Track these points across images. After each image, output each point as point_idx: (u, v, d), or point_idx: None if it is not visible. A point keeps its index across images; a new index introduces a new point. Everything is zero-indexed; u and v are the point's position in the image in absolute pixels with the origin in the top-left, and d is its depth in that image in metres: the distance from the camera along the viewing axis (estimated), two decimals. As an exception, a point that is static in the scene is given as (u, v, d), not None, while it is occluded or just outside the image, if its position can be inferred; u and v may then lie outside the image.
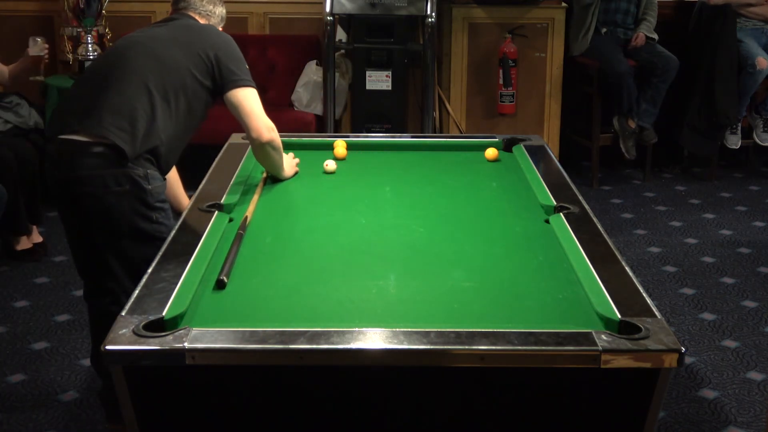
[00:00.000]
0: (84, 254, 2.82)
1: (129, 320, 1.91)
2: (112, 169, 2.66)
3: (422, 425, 1.94)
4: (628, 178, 5.90)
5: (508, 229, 2.63)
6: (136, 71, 2.75)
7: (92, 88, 2.78)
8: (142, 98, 2.71)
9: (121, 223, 2.69)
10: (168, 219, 2.79)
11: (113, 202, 2.67)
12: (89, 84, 2.85)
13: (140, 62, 2.77)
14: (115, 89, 2.72)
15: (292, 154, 3.14)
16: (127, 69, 2.76)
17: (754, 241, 4.78)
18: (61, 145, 2.69)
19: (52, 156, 2.74)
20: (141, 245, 2.70)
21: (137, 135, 2.67)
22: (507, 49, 5.46)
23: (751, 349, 3.59)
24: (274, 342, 1.82)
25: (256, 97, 2.87)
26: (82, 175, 2.66)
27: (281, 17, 5.81)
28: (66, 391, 3.25)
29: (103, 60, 2.93)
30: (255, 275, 2.25)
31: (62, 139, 2.70)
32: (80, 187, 2.67)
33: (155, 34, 2.91)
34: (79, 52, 5.16)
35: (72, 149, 2.67)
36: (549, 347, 1.81)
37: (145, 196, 2.70)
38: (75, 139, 2.67)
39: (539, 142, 3.48)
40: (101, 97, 2.71)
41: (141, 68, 2.76)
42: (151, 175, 2.72)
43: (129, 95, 2.71)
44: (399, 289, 2.24)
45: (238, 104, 2.83)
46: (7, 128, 4.61)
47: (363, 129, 5.33)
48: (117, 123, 2.66)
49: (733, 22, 5.57)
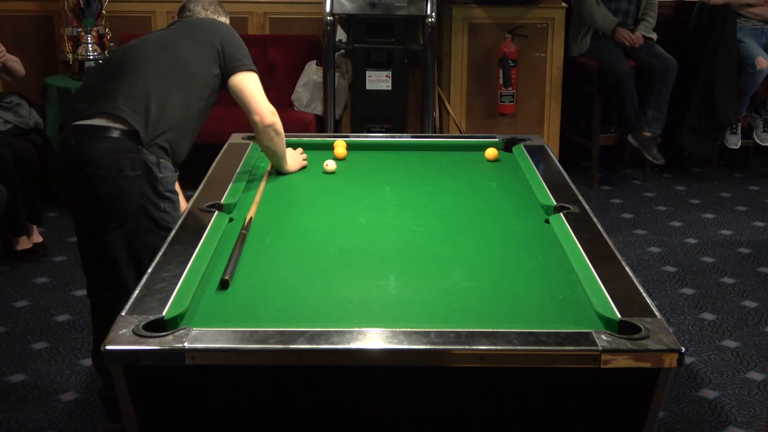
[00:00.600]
0: (89, 242, 2.85)
1: (129, 320, 1.91)
2: (127, 153, 2.72)
3: (422, 425, 1.94)
4: (628, 178, 5.90)
5: (508, 229, 2.63)
6: (149, 62, 2.86)
7: (105, 78, 2.88)
8: (155, 86, 2.81)
9: (129, 206, 2.74)
10: (175, 211, 2.84)
11: (125, 186, 2.72)
12: (102, 75, 2.96)
13: (152, 54, 2.89)
14: (128, 78, 2.82)
15: (300, 149, 3.21)
16: (140, 60, 2.87)
17: (754, 241, 4.78)
18: (76, 131, 2.75)
19: (65, 141, 2.79)
20: (146, 232, 2.75)
21: (150, 119, 2.75)
22: (507, 49, 5.46)
23: (751, 349, 3.59)
24: (274, 342, 1.82)
25: (258, 82, 2.96)
26: (96, 158, 2.71)
27: (281, 17, 5.81)
28: (66, 391, 3.25)
29: (114, 55, 3.06)
30: (255, 275, 2.25)
31: (77, 125, 2.75)
32: (93, 170, 2.71)
33: (163, 33, 3.06)
34: (79, 52, 5.16)
35: (86, 132, 2.73)
36: (549, 347, 1.81)
37: (156, 183, 2.76)
38: (89, 124, 2.73)
39: (539, 142, 3.48)
40: (114, 84, 2.80)
41: (153, 59, 2.87)
42: (163, 164, 2.79)
43: (142, 83, 2.80)
44: (399, 289, 2.24)
45: (240, 88, 2.91)
46: (7, 128, 4.61)
47: (363, 129, 5.33)
48: (131, 106, 2.74)
49: (733, 22, 5.56)
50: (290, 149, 3.16)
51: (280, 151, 3.03)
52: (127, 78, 2.81)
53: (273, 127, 2.92)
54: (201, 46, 2.93)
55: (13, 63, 4.35)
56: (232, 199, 2.75)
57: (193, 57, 2.91)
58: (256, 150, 3.27)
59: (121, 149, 2.72)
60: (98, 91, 2.83)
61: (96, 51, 5.15)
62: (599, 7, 5.49)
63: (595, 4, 5.48)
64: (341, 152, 3.32)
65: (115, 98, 2.76)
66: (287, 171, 3.10)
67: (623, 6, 5.61)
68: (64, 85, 4.97)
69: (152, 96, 2.78)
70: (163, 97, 2.80)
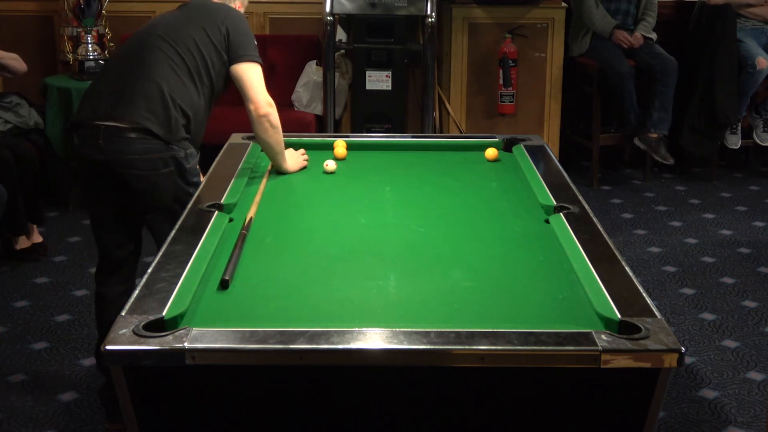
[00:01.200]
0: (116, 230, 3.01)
1: (129, 320, 1.91)
2: (159, 152, 2.86)
3: (422, 425, 1.94)
4: (628, 178, 5.90)
5: (508, 229, 2.63)
6: (161, 54, 2.92)
7: (120, 73, 2.96)
8: (170, 79, 2.89)
9: (165, 199, 2.90)
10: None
11: (159, 182, 2.88)
12: (116, 69, 3.01)
13: (164, 45, 2.93)
14: (142, 74, 2.89)
15: (302, 150, 3.23)
16: (153, 53, 2.92)
17: (754, 241, 4.78)
18: (105, 131, 2.84)
19: (87, 139, 2.88)
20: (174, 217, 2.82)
21: (171, 116, 2.87)
22: (507, 49, 5.46)
23: (751, 349, 3.59)
24: (274, 342, 1.82)
25: (259, 73, 3.01)
26: (131, 159, 2.84)
27: (281, 17, 5.81)
28: (66, 391, 3.26)
29: (127, 47, 3.09)
30: (255, 275, 2.25)
31: (101, 124, 2.84)
32: (128, 170, 2.85)
33: (174, 17, 3.07)
34: (79, 52, 5.16)
35: (114, 134, 2.83)
36: (549, 347, 1.81)
37: (185, 173, 2.93)
38: (114, 125, 2.83)
39: (539, 142, 3.48)
40: (130, 82, 2.89)
41: (165, 50, 2.92)
42: (189, 153, 2.95)
43: (157, 79, 2.88)
44: (399, 289, 2.23)
45: (240, 77, 2.98)
46: (7, 128, 4.61)
47: (363, 129, 5.33)
48: (151, 108, 2.85)
49: (733, 22, 5.57)
50: (291, 149, 3.16)
51: (277, 146, 3.03)
52: (141, 75, 2.88)
53: (267, 118, 2.96)
54: (208, 31, 2.98)
55: (9, 60, 4.34)
56: (232, 199, 2.75)
57: (203, 45, 2.96)
58: (256, 150, 3.28)
59: (153, 150, 2.85)
60: (115, 88, 2.90)
61: (96, 51, 5.14)
62: (598, 9, 5.49)
63: (594, 6, 5.48)
64: (341, 152, 3.32)
65: (135, 101, 2.84)
66: (286, 170, 3.10)
67: (623, 6, 5.61)
68: (64, 85, 4.97)
69: (170, 93, 2.87)
70: (179, 92, 2.90)
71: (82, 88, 4.88)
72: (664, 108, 5.46)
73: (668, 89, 5.44)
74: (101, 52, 5.17)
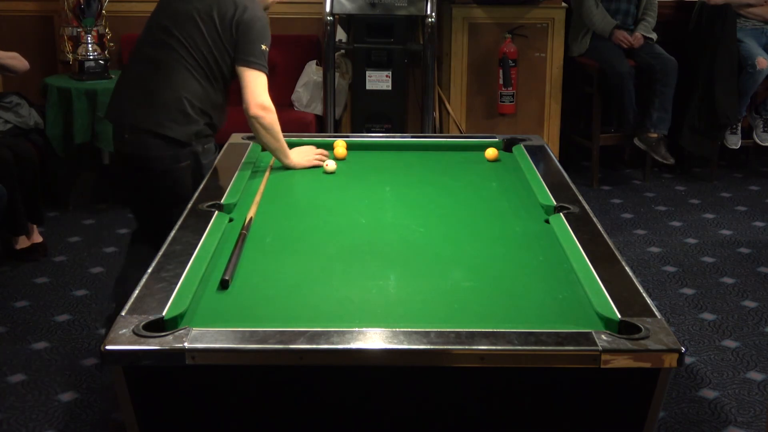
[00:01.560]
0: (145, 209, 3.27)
1: (129, 320, 1.91)
2: (180, 149, 3.08)
3: (422, 425, 1.94)
4: (628, 178, 5.90)
5: (508, 229, 2.63)
6: (177, 56, 3.07)
7: (141, 75, 3.14)
8: (192, 88, 3.07)
9: (184, 189, 3.05)
10: None
11: (179, 175, 3.10)
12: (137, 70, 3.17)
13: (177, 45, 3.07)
14: (162, 80, 3.07)
15: (321, 150, 3.26)
16: (172, 55, 3.07)
17: (754, 241, 4.78)
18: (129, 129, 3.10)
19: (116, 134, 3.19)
20: None
21: (192, 121, 3.07)
22: (507, 49, 5.46)
23: (751, 349, 3.59)
24: (274, 342, 1.82)
25: (259, 78, 3.08)
26: (155, 155, 3.07)
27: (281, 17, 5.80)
28: (66, 391, 3.25)
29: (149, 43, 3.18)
30: (255, 275, 2.25)
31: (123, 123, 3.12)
32: (153, 164, 3.08)
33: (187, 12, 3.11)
34: (79, 52, 5.15)
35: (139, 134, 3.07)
36: (549, 347, 1.81)
37: (200, 168, 3.12)
38: (140, 127, 3.06)
39: (539, 142, 3.48)
40: (151, 89, 3.08)
41: (180, 51, 3.07)
42: (207, 149, 3.17)
43: (180, 90, 3.06)
44: (399, 289, 2.24)
45: (240, 77, 3.09)
46: (7, 128, 4.61)
47: (363, 129, 5.32)
48: (172, 117, 3.05)
49: (733, 22, 5.56)
50: (306, 147, 3.24)
51: (272, 145, 3.11)
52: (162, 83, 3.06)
53: (258, 120, 3.05)
54: (225, 31, 3.07)
55: (9, 60, 4.33)
56: (232, 199, 2.75)
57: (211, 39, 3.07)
58: (257, 150, 3.28)
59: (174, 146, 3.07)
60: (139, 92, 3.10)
61: (96, 51, 5.14)
62: (598, 9, 5.49)
63: (594, 6, 5.48)
64: (341, 152, 3.32)
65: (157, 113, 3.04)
66: (292, 166, 3.15)
67: (623, 6, 5.60)
68: (64, 85, 4.96)
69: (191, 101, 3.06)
70: (199, 97, 3.08)
71: (82, 88, 4.90)
72: (664, 108, 5.46)
73: (668, 89, 5.44)
74: (101, 52, 5.16)
